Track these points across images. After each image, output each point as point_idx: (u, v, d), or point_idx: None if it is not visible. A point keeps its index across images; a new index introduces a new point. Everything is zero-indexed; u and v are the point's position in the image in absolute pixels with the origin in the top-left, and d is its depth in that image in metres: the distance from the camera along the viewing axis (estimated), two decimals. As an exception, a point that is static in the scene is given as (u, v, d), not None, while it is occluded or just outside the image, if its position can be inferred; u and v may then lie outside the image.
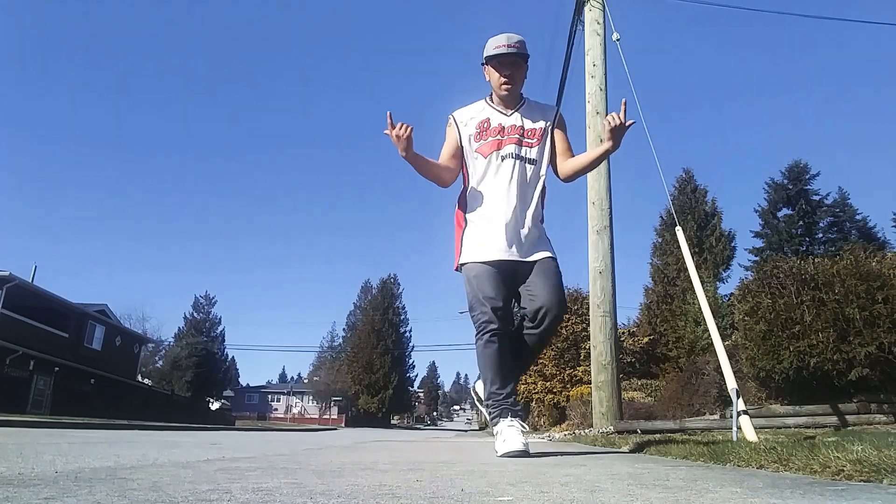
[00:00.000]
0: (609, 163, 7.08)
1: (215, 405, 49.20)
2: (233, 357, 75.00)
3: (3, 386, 17.80)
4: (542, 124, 2.99)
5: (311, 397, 66.44)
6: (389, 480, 1.60)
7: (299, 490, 1.36)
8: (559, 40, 8.50)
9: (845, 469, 1.48)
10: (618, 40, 5.67)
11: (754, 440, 2.80)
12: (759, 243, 27.04)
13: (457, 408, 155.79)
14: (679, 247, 4.98)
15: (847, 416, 5.68)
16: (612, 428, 6.13)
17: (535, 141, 2.95)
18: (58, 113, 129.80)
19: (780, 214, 27.14)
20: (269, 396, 73.36)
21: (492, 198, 2.90)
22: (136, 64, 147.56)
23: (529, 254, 2.87)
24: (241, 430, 15.55)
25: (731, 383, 3.22)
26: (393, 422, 63.61)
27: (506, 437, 2.73)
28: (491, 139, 2.95)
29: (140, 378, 37.83)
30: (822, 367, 5.97)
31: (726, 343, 6.02)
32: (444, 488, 1.42)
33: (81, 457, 2.58)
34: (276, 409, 69.37)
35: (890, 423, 5.44)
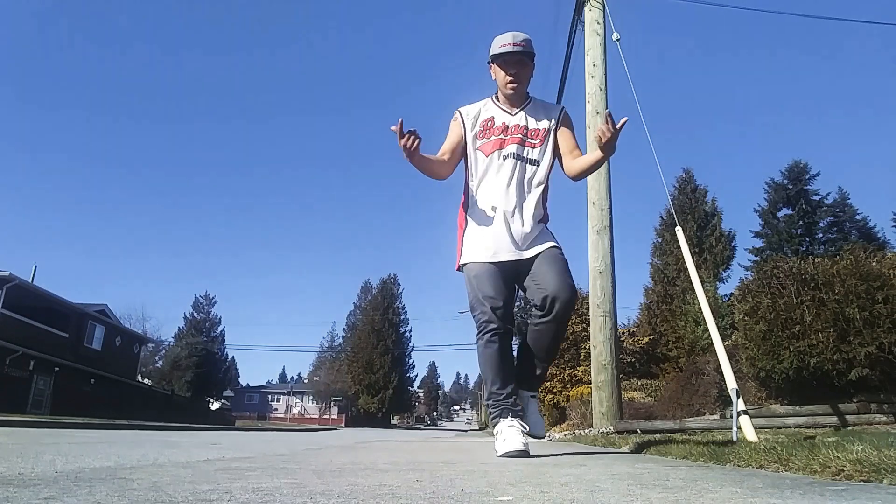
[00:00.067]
0: (609, 163, 7.08)
1: (215, 405, 49.19)
2: (233, 357, 75.09)
3: (3, 386, 17.79)
4: (546, 124, 2.98)
5: (311, 397, 66.43)
6: (389, 480, 1.60)
7: (299, 490, 1.36)
8: (559, 40, 8.49)
9: (845, 469, 1.48)
10: (618, 40, 5.67)
11: (754, 440, 2.80)
12: (759, 243, 27.05)
13: (457, 408, 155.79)
14: (679, 247, 4.98)
15: (847, 416, 5.68)
16: (612, 428, 6.13)
17: (538, 141, 2.94)
18: (58, 113, 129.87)
19: (780, 214, 27.13)
20: (269, 396, 73.34)
21: (493, 197, 2.89)
22: (137, 63, 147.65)
23: (530, 251, 2.86)
24: (241, 431, 15.56)
25: (731, 383, 3.22)
26: (393, 422, 63.62)
27: (506, 437, 2.73)
28: (494, 138, 2.94)
29: (140, 378, 37.83)
30: (822, 367, 5.97)
31: (726, 343, 6.02)
32: (444, 488, 1.42)
33: (81, 457, 2.58)
34: (276, 409, 69.35)
35: (890, 423, 5.44)
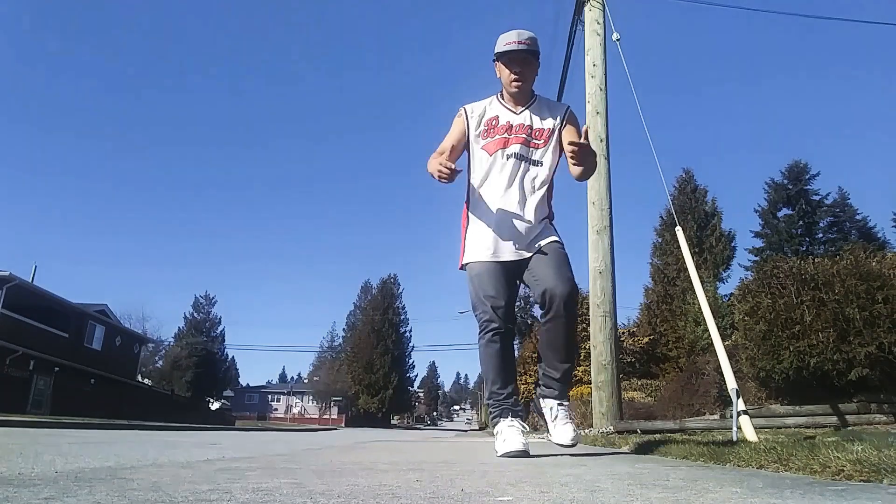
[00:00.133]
0: (609, 163, 7.09)
1: (215, 405, 49.19)
2: (233, 357, 75.14)
3: (3, 386, 17.79)
4: (550, 123, 2.96)
5: (311, 397, 66.43)
6: (389, 480, 1.60)
7: (299, 490, 1.36)
8: (559, 40, 8.48)
9: (845, 469, 1.48)
10: (618, 40, 5.68)
11: (754, 440, 2.80)
12: (759, 243, 27.08)
13: (457, 408, 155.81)
14: (679, 247, 4.98)
15: (847, 416, 5.68)
16: (612, 428, 6.13)
17: (542, 142, 2.92)
18: (58, 113, 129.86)
19: (780, 214, 27.15)
20: (269, 396, 73.34)
21: (495, 197, 2.88)
22: (136, 64, 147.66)
23: (531, 249, 2.86)
24: (241, 431, 15.56)
25: (731, 383, 3.22)
26: (393, 422, 63.61)
27: (506, 437, 2.73)
28: (498, 137, 2.93)
29: (140, 378, 37.82)
30: (822, 367, 5.97)
31: (726, 343, 6.02)
32: (444, 488, 1.42)
33: (81, 457, 2.58)
34: (276, 409, 69.35)
35: (890, 423, 5.44)
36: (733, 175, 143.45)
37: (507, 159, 2.89)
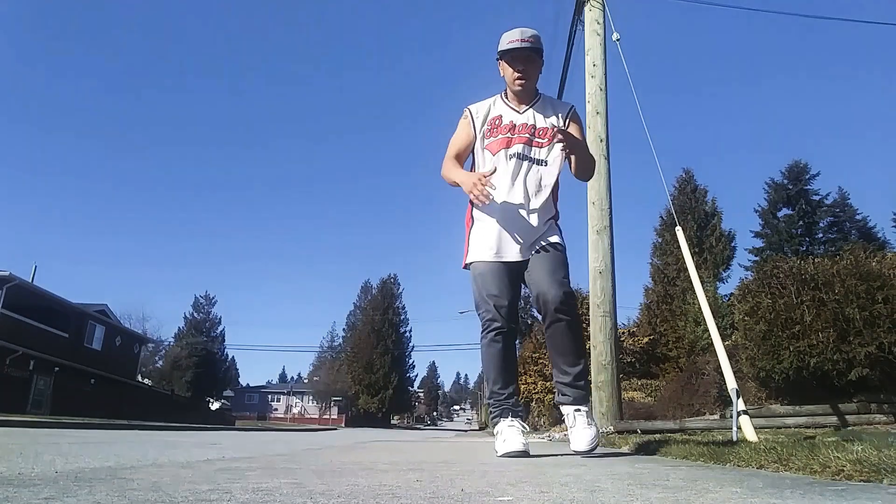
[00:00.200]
0: (609, 163, 7.08)
1: (215, 405, 49.20)
2: (233, 357, 75.18)
3: (3, 386, 17.79)
4: (554, 122, 2.95)
5: (311, 397, 66.42)
6: (389, 480, 1.60)
7: (299, 490, 1.36)
8: (559, 40, 8.48)
9: (845, 469, 1.48)
10: (618, 40, 5.68)
11: (754, 440, 2.80)
12: (759, 243, 27.07)
13: (457, 408, 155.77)
14: (679, 247, 4.98)
15: (847, 416, 5.68)
16: (612, 428, 6.13)
17: (545, 141, 2.91)
18: (58, 113, 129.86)
19: (780, 214, 27.15)
20: (269, 396, 73.34)
21: (499, 197, 2.86)
22: (136, 64, 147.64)
23: (534, 249, 2.85)
24: (241, 431, 15.56)
25: (731, 383, 3.22)
26: (393, 422, 63.61)
27: (506, 437, 2.73)
28: (501, 136, 2.93)
29: (140, 378, 37.81)
30: (822, 367, 5.97)
31: (726, 343, 6.02)
32: (444, 488, 1.42)
33: (81, 457, 2.58)
34: (276, 409, 69.35)
35: (890, 423, 5.44)
36: (733, 175, 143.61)
37: (511, 159, 2.88)
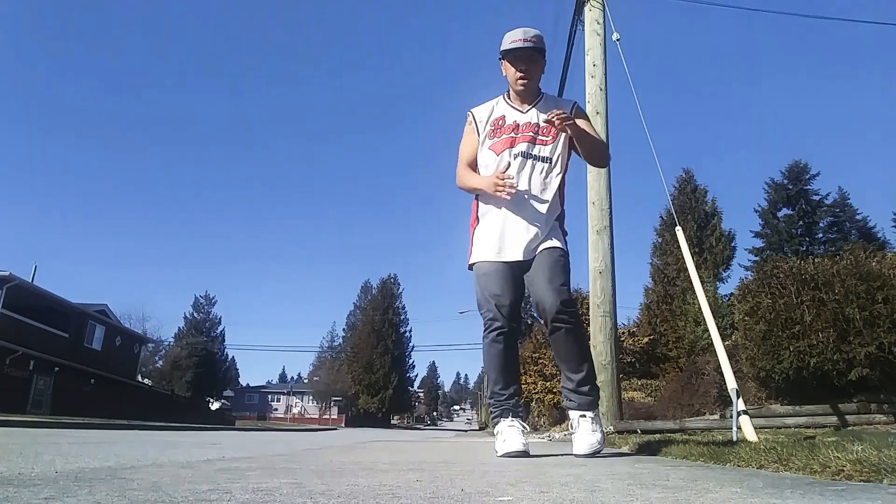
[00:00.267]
0: (609, 163, 7.07)
1: (215, 405, 49.18)
2: (233, 357, 75.23)
3: (3, 386, 17.79)
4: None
5: (311, 397, 66.41)
6: (389, 480, 1.60)
7: (299, 490, 1.36)
8: (559, 40, 8.48)
9: (845, 469, 1.48)
10: (618, 40, 5.67)
11: (754, 440, 2.79)
12: (759, 243, 27.06)
13: (457, 408, 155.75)
14: (679, 247, 4.98)
15: (847, 416, 5.68)
16: (612, 428, 6.13)
17: (549, 139, 2.91)
18: (58, 113, 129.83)
19: (780, 214, 27.14)
20: (269, 396, 73.33)
21: (503, 196, 2.86)
22: (136, 64, 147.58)
23: (537, 249, 2.85)
24: (241, 431, 15.55)
25: (731, 383, 3.21)
26: (393, 422, 63.60)
27: (506, 437, 2.73)
28: (505, 136, 2.93)
29: (140, 378, 37.81)
30: (822, 367, 5.97)
31: (726, 343, 6.02)
32: (444, 488, 1.42)
33: (81, 457, 2.58)
34: (276, 409, 69.34)
35: (890, 423, 5.44)
36: (733, 175, 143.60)
37: (515, 158, 2.88)
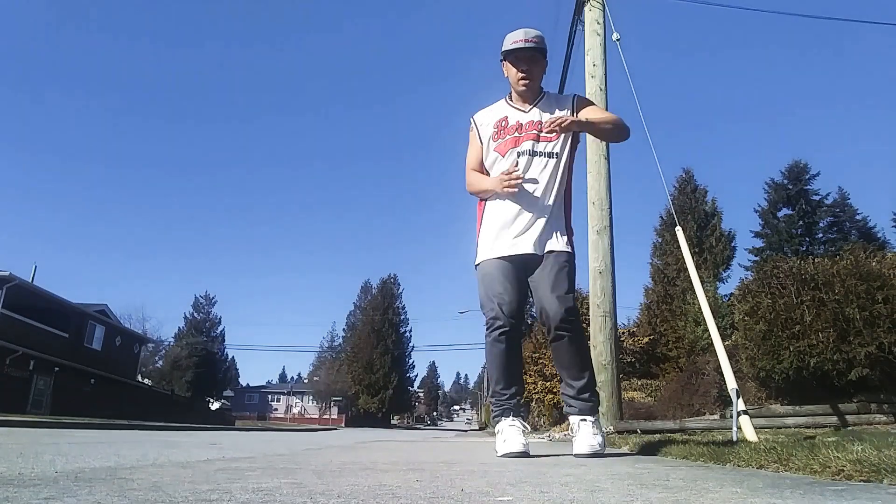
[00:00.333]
0: (609, 163, 7.08)
1: (215, 405, 49.17)
2: (233, 357, 75.31)
3: (3, 386, 17.78)
4: (561, 115, 2.94)
5: (311, 397, 66.37)
6: (389, 480, 1.60)
7: (299, 490, 1.36)
8: (559, 40, 8.49)
9: (845, 469, 1.48)
10: (618, 40, 5.66)
11: (754, 440, 2.79)
12: (759, 243, 27.04)
13: (457, 408, 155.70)
14: (679, 247, 4.98)
15: (847, 416, 5.67)
16: (612, 428, 6.13)
17: (554, 135, 2.91)
18: (58, 113, 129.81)
19: (780, 214, 27.12)
20: (269, 396, 73.29)
21: (509, 196, 2.86)
22: (138, 64, 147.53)
23: (543, 248, 2.84)
24: (241, 431, 15.55)
25: (731, 383, 3.21)
26: (393, 422, 63.58)
27: (506, 437, 2.73)
28: (509, 137, 2.94)
29: (140, 378, 37.81)
30: (822, 367, 5.97)
31: (726, 343, 6.02)
32: (444, 488, 1.42)
33: (81, 457, 2.58)
34: (276, 409, 69.31)
35: (890, 423, 5.44)
36: (733, 175, 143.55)
37: (520, 157, 2.89)
